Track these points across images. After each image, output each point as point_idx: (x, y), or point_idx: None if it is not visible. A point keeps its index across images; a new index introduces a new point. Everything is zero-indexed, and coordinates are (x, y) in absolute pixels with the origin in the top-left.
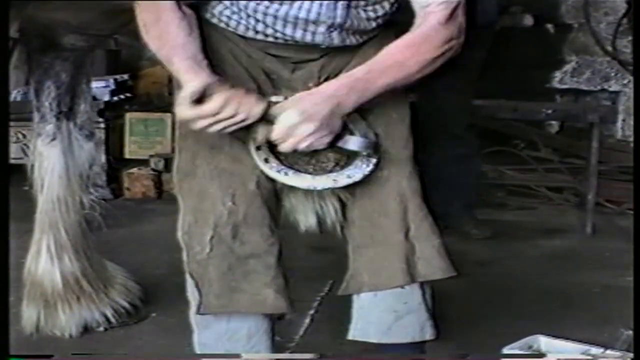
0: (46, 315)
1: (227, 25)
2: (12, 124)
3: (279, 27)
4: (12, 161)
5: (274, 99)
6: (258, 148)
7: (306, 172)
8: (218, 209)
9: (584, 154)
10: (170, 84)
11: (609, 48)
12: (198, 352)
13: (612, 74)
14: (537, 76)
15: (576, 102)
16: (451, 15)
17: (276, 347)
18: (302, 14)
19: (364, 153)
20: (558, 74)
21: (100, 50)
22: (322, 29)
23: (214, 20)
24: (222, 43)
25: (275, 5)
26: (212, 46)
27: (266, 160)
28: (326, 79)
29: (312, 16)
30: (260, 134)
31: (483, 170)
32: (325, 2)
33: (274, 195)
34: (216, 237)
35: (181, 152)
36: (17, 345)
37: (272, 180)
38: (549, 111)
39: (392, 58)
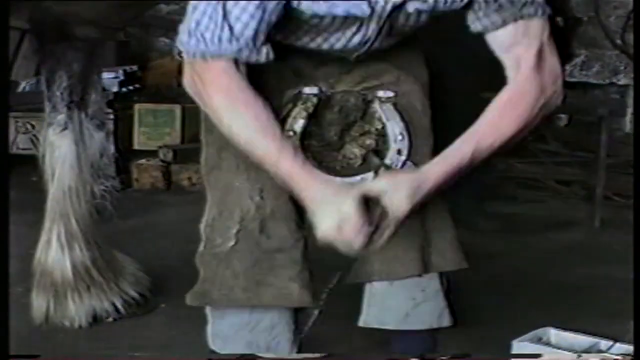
0: (56, 305)
1: None
2: (20, 114)
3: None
4: (20, 152)
5: (307, 90)
6: None
7: (334, 170)
8: (245, 202)
9: (593, 148)
10: (180, 75)
11: (618, 41)
12: (211, 342)
13: (622, 68)
14: None
15: (585, 95)
16: (540, 56)
17: None
18: (338, 46)
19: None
20: (567, 67)
21: (109, 42)
22: (350, 52)
23: None
24: None
25: (307, 39)
26: None
27: None
28: (347, 73)
29: (342, 47)
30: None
31: (492, 163)
32: (358, 39)
33: None
34: (243, 230)
35: (207, 145)
36: (26, 336)
37: None
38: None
39: (487, 122)
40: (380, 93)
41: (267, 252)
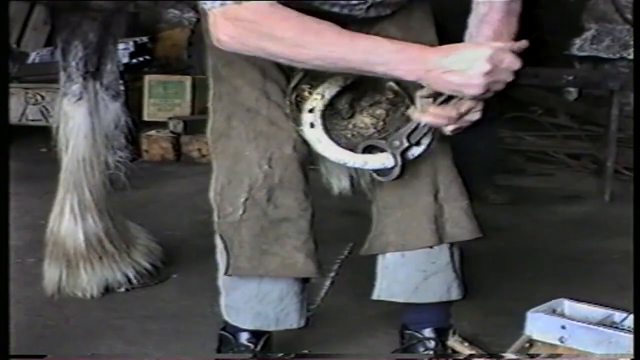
0: (68, 275)
1: None
2: (30, 85)
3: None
4: (30, 123)
5: None
6: (311, 111)
7: (345, 138)
8: (254, 171)
9: (603, 122)
10: (190, 47)
11: (629, 16)
12: (225, 314)
13: (632, 42)
14: (556, 43)
15: (595, 69)
16: None
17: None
18: None
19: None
20: (577, 41)
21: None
22: (360, 6)
23: None
24: None
25: None
26: None
27: (312, 125)
28: None
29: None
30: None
31: (501, 136)
32: None
33: (308, 159)
34: (250, 199)
35: (215, 112)
36: (39, 308)
37: (308, 144)
38: (570, 78)
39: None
40: None
41: (274, 221)
